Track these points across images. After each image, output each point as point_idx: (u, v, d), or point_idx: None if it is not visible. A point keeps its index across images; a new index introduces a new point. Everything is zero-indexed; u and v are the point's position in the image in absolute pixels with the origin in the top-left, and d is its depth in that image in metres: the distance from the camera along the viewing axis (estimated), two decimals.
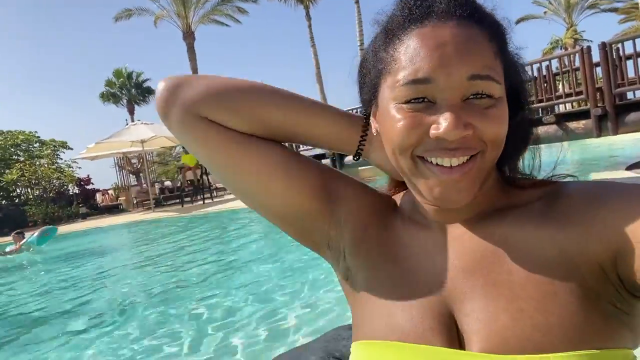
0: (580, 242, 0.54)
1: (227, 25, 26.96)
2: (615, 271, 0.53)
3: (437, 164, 0.56)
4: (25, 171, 20.54)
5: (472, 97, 0.55)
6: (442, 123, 0.54)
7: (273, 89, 0.71)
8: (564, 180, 0.65)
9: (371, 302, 0.64)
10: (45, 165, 21.83)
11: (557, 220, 0.57)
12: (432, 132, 0.55)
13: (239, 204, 14.76)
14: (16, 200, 20.87)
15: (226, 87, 0.69)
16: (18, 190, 21.82)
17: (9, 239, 11.18)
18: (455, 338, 0.57)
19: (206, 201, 17.33)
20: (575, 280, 0.54)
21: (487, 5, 0.60)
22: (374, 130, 0.67)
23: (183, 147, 20.55)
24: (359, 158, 0.73)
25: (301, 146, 15.64)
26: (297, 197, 0.70)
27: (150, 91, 34.48)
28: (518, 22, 33.14)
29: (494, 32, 0.58)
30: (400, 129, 0.57)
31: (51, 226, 12.00)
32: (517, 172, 0.67)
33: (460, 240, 0.62)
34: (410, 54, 0.56)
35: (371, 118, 0.67)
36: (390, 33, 0.59)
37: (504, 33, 0.60)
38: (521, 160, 0.67)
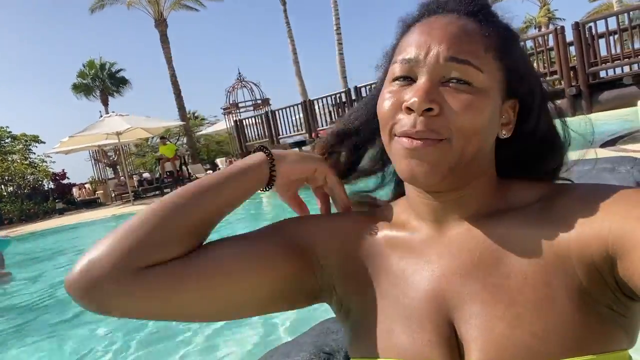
0: (577, 246, 0.55)
1: (196, 9, 26.55)
2: (612, 274, 0.53)
3: (404, 135, 0.58)
4: None
5: (452, 81, 0.57)
6: (412, 95, 0.57)
7: (180, 192, 0.65)
8: (561, 182, 0.66)
9: (367, 322, 0.63)
10: (18, 161, 21.25)
11: (554, 223, 0.57)
12: (404, 104, 0.58)
13: None
14: None
15: (141, 222, 0.61)
16: None
17: None
18: (455, 347, 0.56)
19: None
20: (573, 283, 0.54)
21: (498, 12, 0.64)
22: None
23: (160, 138, 20.25)
24: (270, 188, 0.71)
25: (280, 134, 15.35)
26: (277, 270, 0.66)
27: (124, 81, 33.76)
28: (493, 1, 33.24)
29: (493, 31, 0.60)
30: (384, 106, 0.61)
31: (5, 238, 10.06)
32: (555, 177, 0.68)
33: (457, 242, 0.62)
34: (409, 39, 0.62)
35: None
36: (406, 27, 0.65)
37: (511, 38, 0.63)
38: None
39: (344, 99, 13.07)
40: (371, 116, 0.70)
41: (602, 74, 8.59)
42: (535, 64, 9.74)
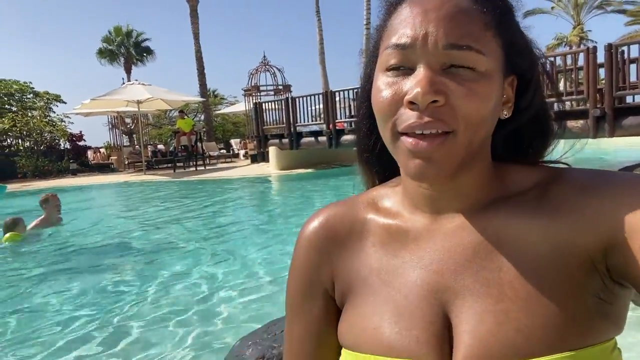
0: (571, 235, 0.53)
1: None
2: (605, 262, 0.52)
3: (410, 133, 0.53)
4: (17, 122, 20.25)
5: (453, 67, 0.53)
6: (413, 87, 0.52)
7: None
8: (557, 166, 0.63)
9: (357, 319, 0.62)
10: (38, 118, 21.53)
11: (549, 212, 0.55)
12: (406, 97, 0.53)
13: (231, 173, 14.75)
14: (6, 151, 20.62)
15: None
16: (9, 141, 21.58)
17: None
18: (444, 343, 0.55)
19: (199, 168, 17.30)
20: (565, 276, 0.53)
21: None
22: None
23: (179, 112, 20.28)
24: None
25: (298, 121, 15.27)
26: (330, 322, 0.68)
27: (149, 51, 33.91)
28: (526, 15, 32.85)
29: (489, 5, 0.55)
30: (381, 100, 0.55)
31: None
32: (538, 160, 0.65)
33: (453, 237, 0.59)
34: (399, 20, 0.55)
35: None
36: (392, 6, 0.59)
37: (506, 9, 0.58)
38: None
39: None
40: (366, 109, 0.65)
41: (629, 99, 8.51)
42: (562, 82, 9.66)
